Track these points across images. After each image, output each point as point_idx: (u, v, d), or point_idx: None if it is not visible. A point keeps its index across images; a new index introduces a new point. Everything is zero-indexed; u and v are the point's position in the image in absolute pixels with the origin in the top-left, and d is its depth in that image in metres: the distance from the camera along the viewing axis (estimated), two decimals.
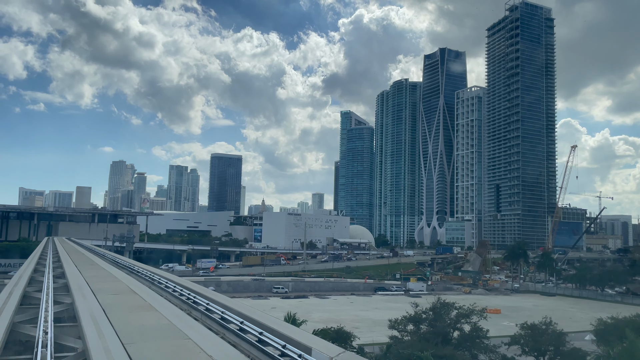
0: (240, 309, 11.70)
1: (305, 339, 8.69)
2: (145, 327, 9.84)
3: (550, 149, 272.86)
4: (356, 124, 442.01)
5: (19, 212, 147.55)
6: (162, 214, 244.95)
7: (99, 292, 14.79)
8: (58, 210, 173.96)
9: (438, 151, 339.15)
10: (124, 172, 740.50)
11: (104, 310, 11.61)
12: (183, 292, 15.26)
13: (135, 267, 26.54)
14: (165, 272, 27.06)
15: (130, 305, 12.81)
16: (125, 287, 17.15)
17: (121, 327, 9.60)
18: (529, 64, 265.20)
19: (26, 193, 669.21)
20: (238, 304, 12.75)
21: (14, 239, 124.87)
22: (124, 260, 34.47)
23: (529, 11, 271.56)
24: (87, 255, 39.80)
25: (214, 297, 13.98)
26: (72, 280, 17.98)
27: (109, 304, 12.46)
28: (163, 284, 17.89)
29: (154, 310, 12.18)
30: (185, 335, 9.15)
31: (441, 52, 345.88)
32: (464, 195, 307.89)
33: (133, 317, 10.98)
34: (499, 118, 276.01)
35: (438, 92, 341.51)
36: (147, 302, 13.38)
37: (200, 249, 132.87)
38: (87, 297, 13.74)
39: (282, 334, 9.04)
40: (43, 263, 26.98)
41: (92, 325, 9.60)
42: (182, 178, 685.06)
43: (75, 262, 28.18)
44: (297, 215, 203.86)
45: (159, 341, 8.81)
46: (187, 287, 16.31)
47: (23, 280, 18.33)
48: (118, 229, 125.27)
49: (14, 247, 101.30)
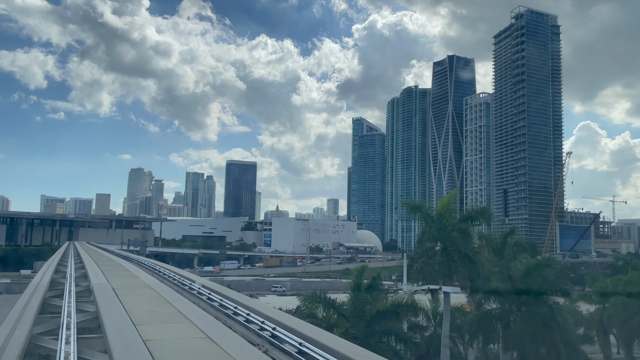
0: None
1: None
2: (130, 276, 16.78)
3: (558, 153, 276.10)
4: (367, 130, 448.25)
5: (42, 219, 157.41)
6: (176, 220, 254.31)
7: (111, 277, 21.92)
8: (78, 217, 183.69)
9: (447, 157, 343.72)
10: (142, 179, 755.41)
11: (114, 290, 18.64)
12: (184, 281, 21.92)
13: (141, 260, 33.81)
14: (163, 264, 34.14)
15: (121, 273, 19.86)
16: (129, 273, 24.27)
17: (127, 295, 16.51)
18: (535, 71, 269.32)
19: (47, 200, 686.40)
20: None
21: (38, 243, 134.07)
22: (135, 258, 41.84)
23: (534, 19, 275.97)
24: (102, 253, 47.35)
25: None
26: (89, 268, 25.15)
27: (119, 286, 19.35)
28: (159, 270, 25.00)
29: (150, 289, 19.16)
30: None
31: (450, 59, 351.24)
32: (473, 200, 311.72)
33: (125, 280, 18.03)
34: (506, 124, 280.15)
35: (447, 98, 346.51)
36: (138, 278, 20.45)
37: (210, 253, 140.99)
38: (100, 278, 20.84)
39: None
40: (67, 257, 34.35)
41: (102, 293, 16.53)
42: (199, 185, 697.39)
43: (91, 257, 35.54)
44: (305, 221, 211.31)
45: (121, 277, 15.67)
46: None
47: (52, 268, 25.57)
48: (133, 234, 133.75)
49: (38, 252, 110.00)
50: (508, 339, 32.24)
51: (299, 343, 8.63)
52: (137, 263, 27.02)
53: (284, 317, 10.95)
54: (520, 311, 32.26)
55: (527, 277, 32.37)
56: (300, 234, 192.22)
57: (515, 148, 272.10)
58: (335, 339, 9.35)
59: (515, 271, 33.62)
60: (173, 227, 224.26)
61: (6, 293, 73.10)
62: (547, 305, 31.83)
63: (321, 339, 8.89)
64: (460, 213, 39.52)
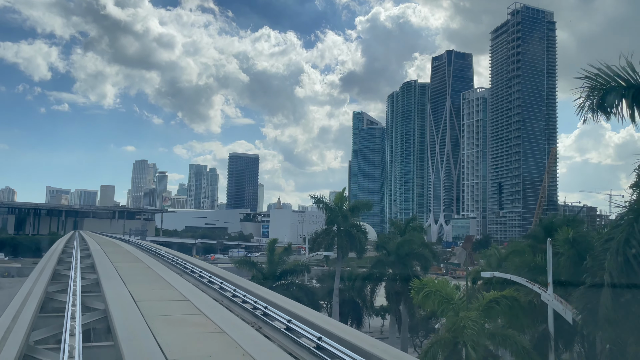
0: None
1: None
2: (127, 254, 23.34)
3: (551, 148, 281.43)
4: (368, 124, 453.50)
5: (49, 210, 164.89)
6: (176, 212, 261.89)
7: (104, 246, 28.53)
8: (83, 208, 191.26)
9: (445, 150, 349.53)
10: (146, 171, 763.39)
11: (112, 264, 25.19)
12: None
13: (130, 239, 40.35)
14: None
15: (114, 247, 26.41)
16: (122, 249, 30.89)
17: (114, 256, 23.10)
18: (530, 66, 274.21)
19: (53, 192, 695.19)
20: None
21: (45, 232, 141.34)
22: (126, 238, 48.53)
23: (530, 15, 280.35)
24: (103, 237, 54.16)
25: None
26: (90, 243, 31.76)
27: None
28: (152, 249, 31.58)
29: (140, 261, 25.75)
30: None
31: (448, 54, 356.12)
32: (470, 194, 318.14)
33: (114, 249, 24.58)
34: (502, 119, 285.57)
35: (445, 93, 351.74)
36: (121, 247, 27.01)
37: (209, 243, 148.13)
38: (97, 248, 27.43)
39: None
40: (74, 237, 41.07)
41: (97, 255, 23.09)
42: (202, 177, 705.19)
43: (92, 238, 42.25)
44: (301, 213, 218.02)
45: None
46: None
47: (64, 241, 32.20)
48: (135, 224, 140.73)
49: (45, 239, 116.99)
50: (388, 291, 44.13)
51: (254, 301, 11.96)
52: (126, 241, 33.71)
53: (248, 284, 15.34)
54: (392, 272, 43.74)
55: (398, 249, 42.55)
56: (295, 225, 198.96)
57: (510, 142, 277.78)
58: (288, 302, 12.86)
59: (392, 245, 44.17)
60: (176, 219, 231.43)
61: (17, 276, 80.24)
62: (411, 269, 42.57)
63: (281, 302, 12.29)
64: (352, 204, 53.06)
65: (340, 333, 9.45)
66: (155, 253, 25.07)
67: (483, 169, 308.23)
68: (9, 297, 14.23)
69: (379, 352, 8.38)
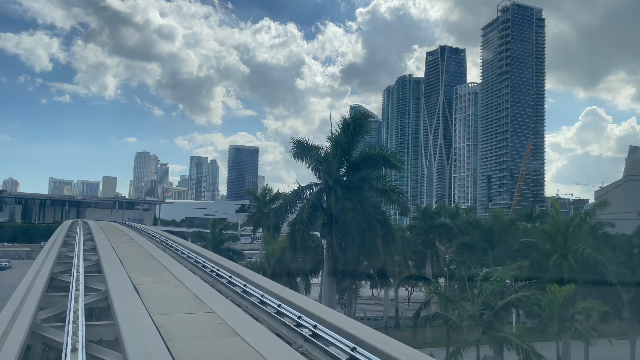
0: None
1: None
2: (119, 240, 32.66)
3: (539, 142, 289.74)
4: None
5: (53, 200, 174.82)
6: (173, 202, 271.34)
7: (108, 233, 37.78)
8: (85, 199, 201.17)
9: (438, 144, 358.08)
10: (148, 163, 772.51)
11: (102, 230, 34.49)
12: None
13: (127, 222, 49.63)
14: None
15: (109, 227, 35.71)
16: (114, 227, 40.12)
17: (112, 237, 32.33)
18: (519, 63, 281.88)
19: (56, 183, 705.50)
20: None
21: (50, 221, 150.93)
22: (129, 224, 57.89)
23: (520, 12, 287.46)
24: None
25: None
26: (91, 223, 40.98)
27: (114, 238, 35.29)
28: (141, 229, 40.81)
29: (128, 236, 35.02)
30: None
31: (441, 49, 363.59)
32: (461, 186, 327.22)
33: (107, 225, 33.87)
34: (491, 113, 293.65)
35: (438, 87, 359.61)
36: (119, 228, 36.27)
37: (204, 232, 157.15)
38: (94, 225, 36.68)
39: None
40: (77, 222, 50.46)
41: (95, 229, 32.33)
42: (202, 168, 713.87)
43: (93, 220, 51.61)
44: None
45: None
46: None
47: (69, 223, 41.48)
48: (134, 214, 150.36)
49: (51, 228, 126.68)
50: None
51: (225, 274, 17.70)
52: (121, 223, 43.09)
53: (219, 259, 25.56)
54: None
55: None
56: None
57: (499, 137, 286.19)
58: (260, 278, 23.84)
59: None
60: (176, 209, 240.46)
61: (27, 259, 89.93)
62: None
63: (226, 263, 23.75)
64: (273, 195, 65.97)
65: (259, 281, 13.38)
66: (140, 230, 34.23)
67: (474, 162, 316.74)
68: (19, 276, 18.27)
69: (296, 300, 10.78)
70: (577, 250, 29.35)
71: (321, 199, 28.60)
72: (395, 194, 29.76)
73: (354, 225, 25.95)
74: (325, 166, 28.06)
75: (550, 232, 32.24)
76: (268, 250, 42.80)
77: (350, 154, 29.11)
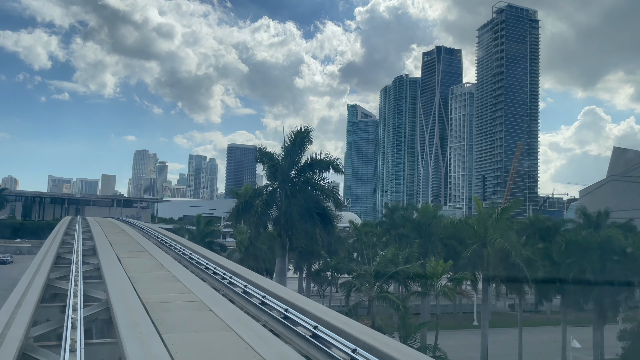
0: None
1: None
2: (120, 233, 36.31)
3: (533, 142, 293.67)
4: (362, 116, 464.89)
5: (53, 198, 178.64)
6: (170, 201, 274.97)
7: (103, 226, 41.36)
8: (84, 197, 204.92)
9: (434, 144, 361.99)
10: (147, 161, 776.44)
11: (99, 225, 38.08)
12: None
13: (125, 219, 53.19)
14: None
15: (105, 221, 39.34)
16: (108, 221, 43.67)
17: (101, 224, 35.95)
18: (513, 64, 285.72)
19: (55, 181, 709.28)
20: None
21: (49, 219, 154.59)
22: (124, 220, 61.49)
23: (514, 13, 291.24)
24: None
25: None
26: (89, 218, 44.54)
27: (108, 230, 38.92)
28: (131, 222, 44.39)
29: (121, 229, 38.68)
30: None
31: (437, 50, 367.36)
32: (456, 185, 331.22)
33: (103, 219, 37.51)
34: (486, 113, 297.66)
35: (434, 87, 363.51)
36: (114, 223, 39.92)
37: (191, 228, 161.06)
38: (92, 220, 40.28)
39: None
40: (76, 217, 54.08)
41: (94, 224, 35.95)
42: (201, 167, 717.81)
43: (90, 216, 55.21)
44: None
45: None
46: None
47: (66, 222, 45.04)
48: (132, 212, 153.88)
49: (50, 225, 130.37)
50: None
51: (187, 252, 27.32)
52: (116, 219, 46.75)
53: (199, 249, 29.66)
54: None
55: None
56: None
57: (494, 136, 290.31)
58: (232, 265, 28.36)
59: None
60: (174, 208, 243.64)
61: (28, 254, 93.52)
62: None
63: (209, 255, 27.92)
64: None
65: (240, 271, 22.01)
66: (132, 224, 38.02)
67: (469, 161, 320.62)
68: (20, 270, 22.44)
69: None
70: (492, 240, 34.55)
71: (275, 197, 32.99)
72: (331, 192, 35.85)
73: (298, 217, 30.50)
74: (276, 170, 34.03)
75: (473, 225, 38.18)
76: (238, 239, 50.90)
77: (298, 160, 34.63)
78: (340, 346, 7.51)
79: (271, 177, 35.09)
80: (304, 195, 33.28)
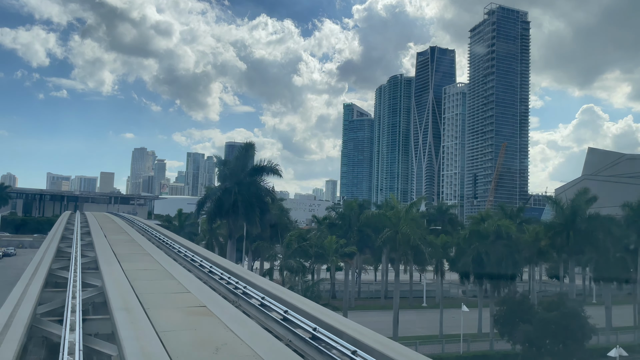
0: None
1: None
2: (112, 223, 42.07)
3: (523, 141, 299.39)
4: (358, 115, 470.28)
5: (52, 195, 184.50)
6: (170, 198, 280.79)
7: (98, 218, 46.99)
8: (83, 194, 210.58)
9: (427, 142, 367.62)
10: (145, 159, 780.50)
11: (95, 217, 43.72)
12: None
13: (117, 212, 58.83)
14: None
15: (99, 214, 45.02)
16: (104, 216, 49.29)
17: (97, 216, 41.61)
18: (504, 65, 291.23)
19: (53, 178, 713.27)
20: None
21: (49, 215, 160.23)
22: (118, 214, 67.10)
23: (505, 15, 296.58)
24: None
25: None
26: (87, 212, 50.10)
27: (103, 223, 44.57)
28: (124, 217, 50.09)
29: (113, 222, 44.39)
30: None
31: (431, 50, 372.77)
32: (449, 183, 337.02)
33: (100, 213, 43.17)
34: (477, 113, 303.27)
35: (428, 87, 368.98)
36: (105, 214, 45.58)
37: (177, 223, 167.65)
38: (91, 217, 45.87)
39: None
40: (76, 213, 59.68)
41: (90, 216, 41.60)
42: (199, 165, 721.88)
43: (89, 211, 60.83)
44: (282, 200, 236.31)
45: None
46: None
47: (66, 217, 50.60)
48: (129, 209, 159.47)
49: (50, 220, 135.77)
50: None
51: (161, 236, 33.18)
52: (112, 213, 52.53)
53: (186, 242, 35.60)
54: None
55: None
56: None
57: (485, 136, 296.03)
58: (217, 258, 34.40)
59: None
60: (171, 205, 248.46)
61: (30, 247, 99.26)
62: None
63: (193, 247, 33.83)
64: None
65: (222, 262, 27.67)
66: (123, 217, 43.75)
67: (462, 160, 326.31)
68: (23, 261, 28.69)
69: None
70: (402, 229, 43.84)
71: (229, 194, 39.87)
72: (267, 190, 45.02)
73: (243, 210, 37.55)
74: (226, 174, 42.47)
75: (390, 216, 47.83)
76: (202, 228, 63.91)
77: (247, 165, 43.52)
78: (304, 326, 8.99)
79: (222, 179, 44.44)
80: (249, 192, 41.61)
